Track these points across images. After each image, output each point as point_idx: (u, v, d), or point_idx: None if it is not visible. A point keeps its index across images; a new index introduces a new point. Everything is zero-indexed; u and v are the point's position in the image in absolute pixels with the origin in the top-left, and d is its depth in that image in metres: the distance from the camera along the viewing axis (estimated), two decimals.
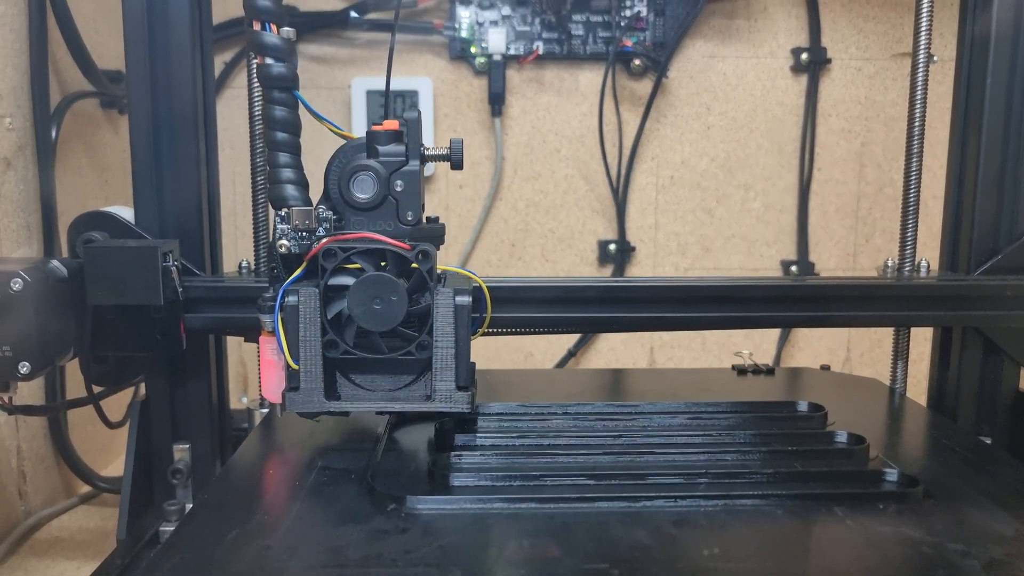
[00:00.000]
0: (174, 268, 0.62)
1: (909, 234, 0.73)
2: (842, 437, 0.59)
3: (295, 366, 0.53)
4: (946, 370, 0.73)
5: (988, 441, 0.71)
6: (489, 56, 1.02)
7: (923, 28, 0.71)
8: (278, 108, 0.56)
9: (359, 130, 1.02)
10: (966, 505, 0.49)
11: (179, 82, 0.66)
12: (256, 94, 0.69)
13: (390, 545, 0.44)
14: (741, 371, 0.78)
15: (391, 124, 0.56)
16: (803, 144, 1.08)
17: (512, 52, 1.03)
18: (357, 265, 0.53)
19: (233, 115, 1.01)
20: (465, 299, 0.53)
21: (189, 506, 0.68)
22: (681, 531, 0.46)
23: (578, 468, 0.54)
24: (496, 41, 1.01)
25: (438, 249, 0.55)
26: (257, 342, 0.57)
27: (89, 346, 0.64)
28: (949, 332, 0.73)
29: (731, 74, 1.07)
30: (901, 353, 0.74)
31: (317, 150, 0.58)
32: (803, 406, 0.66)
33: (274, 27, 0.55)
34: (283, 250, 0.55)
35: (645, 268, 1.10)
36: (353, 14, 1.02)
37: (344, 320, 0.53)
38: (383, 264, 0.53)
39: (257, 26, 0.55)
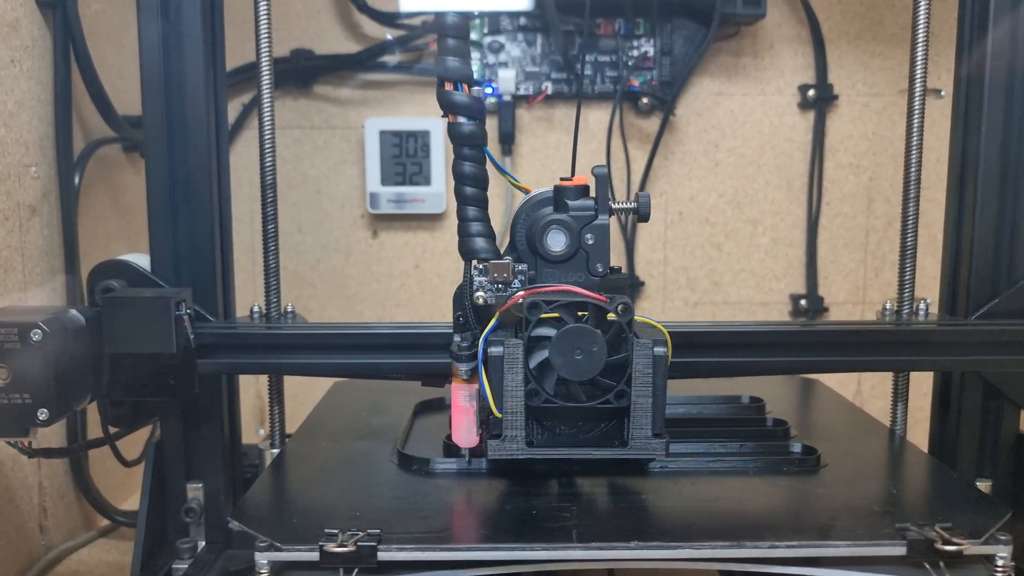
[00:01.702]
0: (186, 316, 0.65)
1: (907, 277, 0.73)
2: (770, 421, 0.75)
3: (499, 414, 0.56)
4: (946, 414, 0.74)
5: (988, 484, 0.71)
6: (499, 96, 1.04)
7: (919, 67, 0.72)
8: (468, 164, 0.59)
9: (372, 168, 1.05)
10: (852, 470, 0.65)
11: (194, 130, 0.68)
12: (267, 139, 0.71)
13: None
14: None
15: (580, 180, 0.59)
16: (811, 179, 1.08)
17: (522, 92, 1.05)
18: (556, 316, 0.55)
19: (251, 154, 1.04)
20: (663, 350, 0.55)
21: (202, 543, 0.70)
22: (626, 482, 0.62)
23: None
24: (506, 81, 1.04)
25: None
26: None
27: (106, 392, 0.66)
28: (949, 376, 0.74)
29: (738, 111, 1.08)
30: (900, 395, 0.75)
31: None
32: (745, 399, 0.81)
33: (465, 87, 0.57)
34: (480, 301, 0.58)
35: (654, 302, 1.11)
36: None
37: (544, 370, 0.55)
38: (580, 315, 0.55)
39: (449, 86, 0.57)
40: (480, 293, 0.58)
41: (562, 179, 0.59)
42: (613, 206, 0.58)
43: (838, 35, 1.07)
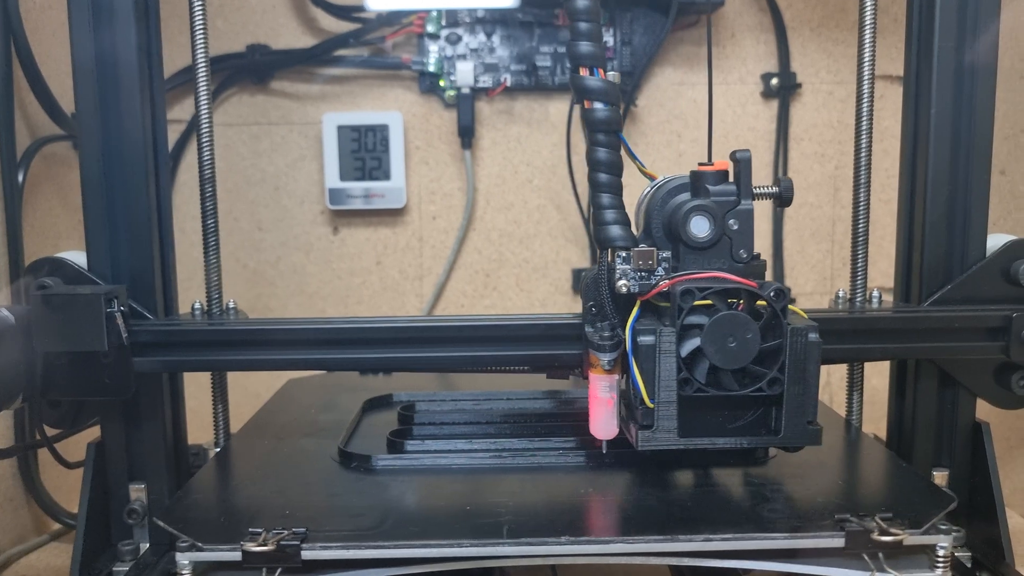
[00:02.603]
0: (119, 314, 0.63)
1: (860, 264, 0.72)
2: None
3: (651, 404, 0.55)
4: (903, 403, 0.73)
5: (946, 473, 0.70)
6: (458, 89, 1.03)
7: (866, 56, 0.71)
8: (603, 150, 0.58)
9: (331, 164, 1.04)
10: (800, 461, 0.64)
11: (128, 123, 0.66)
12: (205, 133, 0.70)
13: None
14: None
15: (721, 164, 0.58)
16: (776, 169, 1.07)
17: (481, 84, 1.04)
18: (708, 303, 0.54)
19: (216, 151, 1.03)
20: (816, 336, 0.54)
21: (145, 546, 0.69)
22: (568, 477, 0.62)
23: (498, 435, 0.68)
24: (464, 74, 1.02)
25: None
26: None
27: (40, 391, 0.65)
28: (905, 364, 0.72)
29: (701, 101, 1.07)
30: (856, 384, 0.74)
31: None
32: None
33: (601, 71, 0.56)
34: (623, 290, 0.57)
35: None
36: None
37: (695, 358, 0.55)
38: (731, 302, 0.55)
39: (585, 71, 0.56)
40: (623, 282, 0.56)
41: (700, 164, 0.58)
42: (756, 190, 0.57)
43: (800, 23, 1.06)
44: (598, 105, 0.56)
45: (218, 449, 0.72)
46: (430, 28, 1.03)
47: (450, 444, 0.66)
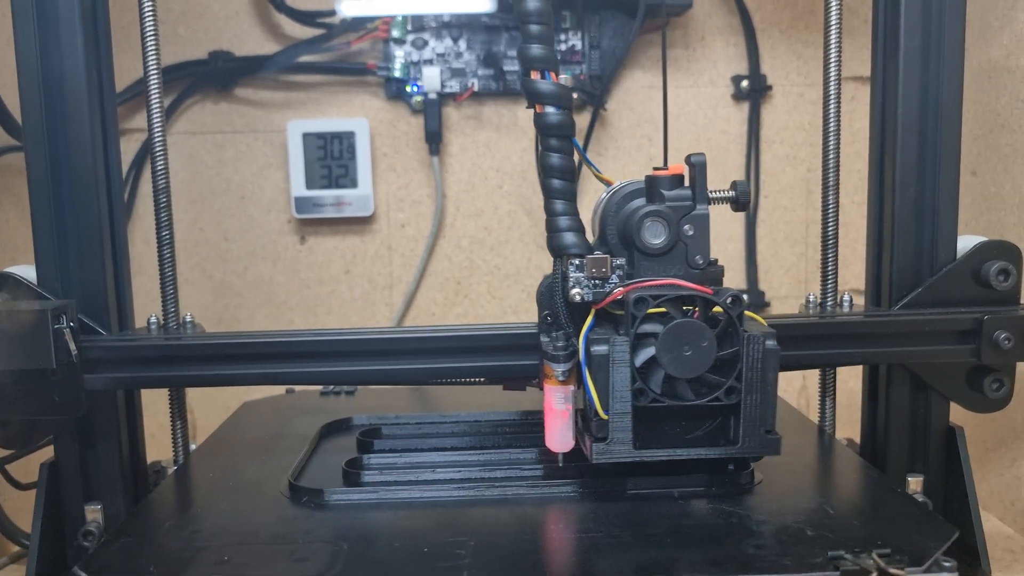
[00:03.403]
0: (67, 330, 0.61)
1: (830, 268, 0.71)
2: None
3: (605, 416, 0.53)
4: (875, 409, 0.71)
5: (920, 479, 0.69)
6: (425, 95, 1.02)
7: (832, 57, 0.70)
8: (556, 155, 0.56)
9: (296, 172, 1.02)
10: (788, 487, 0.61)
11: (76, 132, 0.65)
12: (157, 145, 0.68)
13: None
14: None
15: (676, 168, 0.56)
16: (748, 172, 1.06)
17: (448, 90, 1.02)
18: (662, 311, 0.53)
19: (179, 161, 1.01)
20: (774, 343, 0.53)
21: None
22: (537, 510, 0.57)
23: (463, 464, 0.63)
24: (431, 79, 1.01)
25: None
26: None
27: None
28: (877, 370, 0.71)
29: (671, 104, 1.06)
30: (828, 390, 0.73)
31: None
32: None
33: (553, 75, 0.55)
34: (577, 298, 0.55)
35: None
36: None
37: (650, 368, 0.53)
38: (686, 309, 0.53)
39: (536, 75, 0.54)
40: (577, 290, 0.55)
41: (655, 169, 0.56)
42: (711, 195, 0.56)
43: (769, 24, 1.05)
44: (550, 109, 0.55)
45: (175, 467, 0.70)
46: (395, 33, 1.01)
47: (411, 475, 0.62)
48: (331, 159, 1.02)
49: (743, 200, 0.57)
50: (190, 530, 0.55)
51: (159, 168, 0.69)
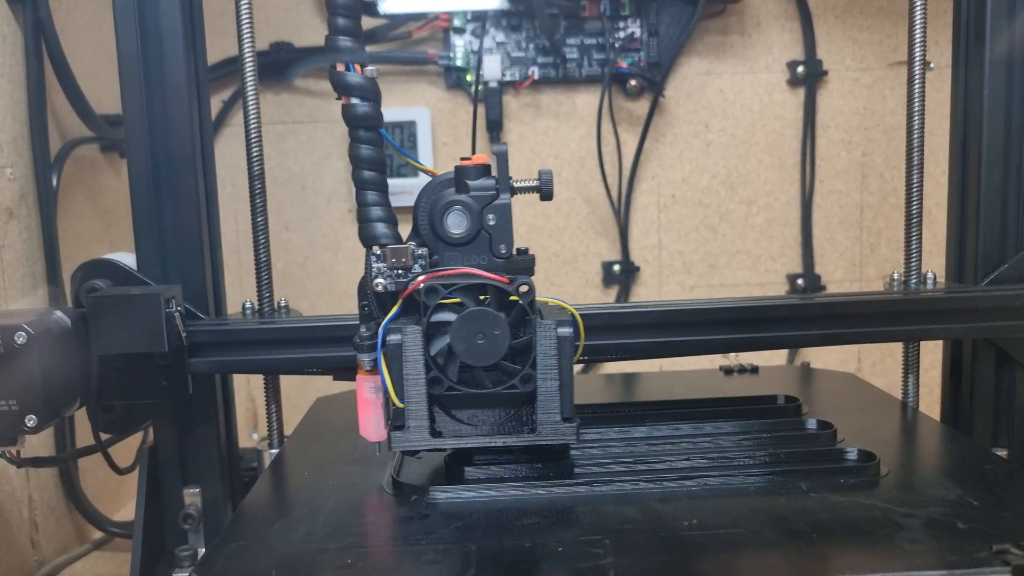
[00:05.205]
0: (177, 314, 0.62)
1: (914, 246, 0.72)
2: (812, 424, 0.65)
3: (400, 404, 0.53)
4: (959, 383, 0.73)
5: (1005, 452, 0.70)
6: (485, 83, 1.02)
7: (917, 38, 0.70)
8: (364, 147, 0.56)
9: None
10: (917, 476, 0.56)
11: (176, 124, 0.66)
12: (253, 130, 0.69)
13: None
14: (728, 371, 0.83)
15: (480, 159, 0.56)
16: (803, 157, 1.07)
17: (508, 78, 1.03)
18: (456, 300, 0.53)
19: (233, 153, 1.02)
20: (567, 330, 0.53)
21: (202, 551, 0.68)
22: (665, 507, 0.52)
23: (580, 459, 0.59)
24: (491, 68, 1.02)
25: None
26: (354, 379, 0.56)
27: (95, 395, 0.64)
28: (959, 344, 0.72)
29: (728, 90, 1.06)
30: (912, 367, 0.74)
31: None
32: (780, 399, 0.72)
33: (358, 67, 0.55)
34: (380, 288, 0.55)
35: (650, 287, 1.10)
36: None
37: (446, 356, 0.53)
38: (482, 298, 0.53)
39: (341, 67, 0.55)
40: (379, 280, 0.55)
41: (462, 159, 0.56)
42: (515, 184, 0.55)
43: (825, 10, 1.06)
44: (356, 101, 0.55)
45: (275, 451, 0.71)
46: (456, 22, 1.02)
47: (514, 470, 0.58)
48: (392, 148, 1.02)
49: (546, 189, 0.57)
50: (302, 532, 0.52)
51: (254, 155, 0.69)
